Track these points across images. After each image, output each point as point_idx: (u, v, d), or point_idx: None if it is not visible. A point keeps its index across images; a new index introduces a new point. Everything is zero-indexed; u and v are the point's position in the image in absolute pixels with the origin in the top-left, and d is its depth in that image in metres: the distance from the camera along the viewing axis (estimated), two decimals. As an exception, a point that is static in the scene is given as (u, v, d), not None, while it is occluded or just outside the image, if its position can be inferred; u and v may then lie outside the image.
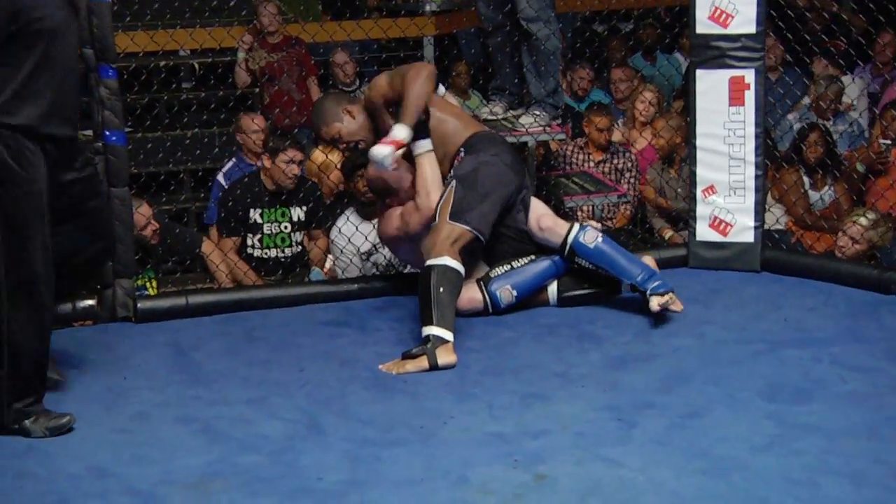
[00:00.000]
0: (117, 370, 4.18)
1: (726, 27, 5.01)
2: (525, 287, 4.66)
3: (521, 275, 4.67)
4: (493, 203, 4.50)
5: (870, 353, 4.18)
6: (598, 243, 4.61)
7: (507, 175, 4.57)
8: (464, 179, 4.50)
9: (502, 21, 5.28)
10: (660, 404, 3.78)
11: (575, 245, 4.62)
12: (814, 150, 6.13)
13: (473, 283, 4.63)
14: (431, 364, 4.11)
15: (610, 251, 4.63)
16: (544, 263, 4.70)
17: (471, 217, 4.42)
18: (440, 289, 4.25)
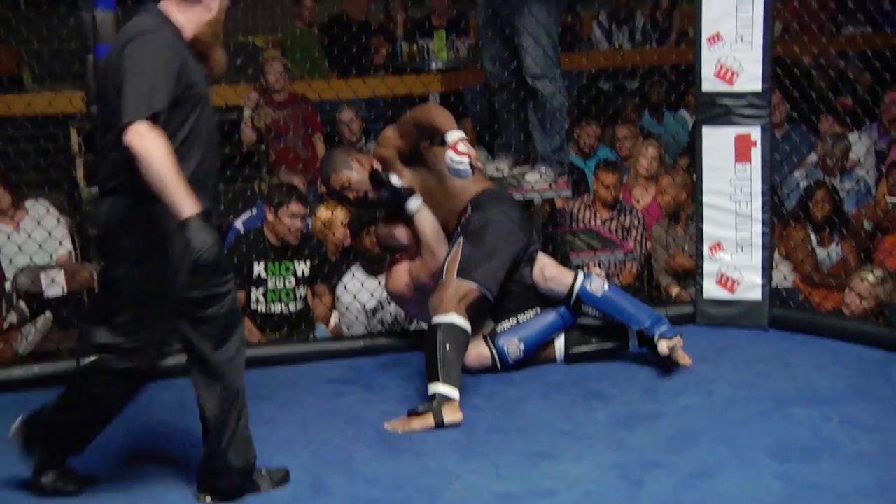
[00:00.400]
0: (118, 428, 4.14)
1: (732, 84, 5.03)
2: (532, 340, 4.64)
3: (528, 329, 4.65)
4: (500, 261, 4.50)
5: (879, 411, 4.14)
6: (605, 291, 4.61)
7: (515, 233, 4.57)
8: (472, 236, 4.50)
9: (508, 79, 5.30)
10: (668, 464, 3.75)
11: (582, 294, 4.61)
12: (821, 207, 6.12)
13: (480, 338, 4.62)
14: (437, 422, 4.08)
15: (617, 298, 4.63)
16: (550, 316, 4.68)
17: (478, 275, 4.42)
18: (446, 346, 4.24)
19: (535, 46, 5.08)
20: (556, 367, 4.69)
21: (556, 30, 5.22)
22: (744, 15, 5.00)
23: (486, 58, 5.37)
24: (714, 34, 5.05)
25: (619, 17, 10.07)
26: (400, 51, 8.99)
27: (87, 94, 4.62)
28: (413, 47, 8.90)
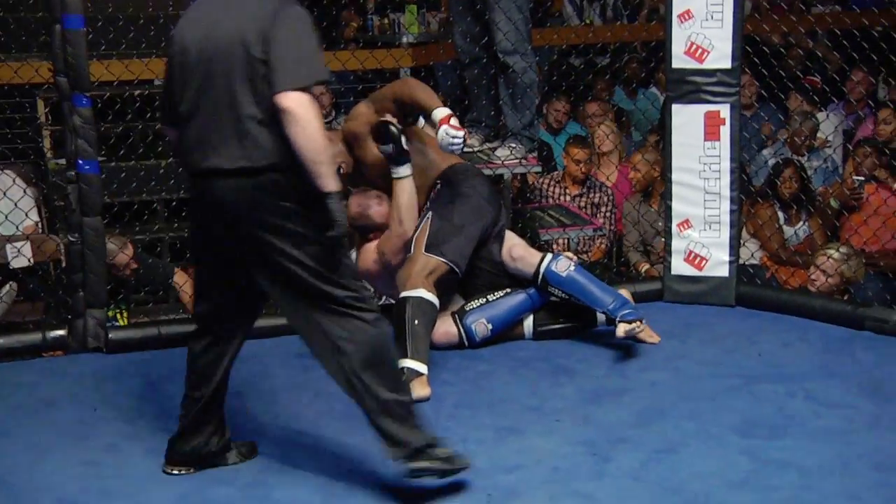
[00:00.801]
0: (87, 401, 4.14)
1: (702, 62, 5.04)
2: (500, 320, 4.65)
3: (497, 308, 4.66)
4: (468, 236, 4.50)
5: (844, 388, 4.18)
6: (570, 272, 4.61)
7: (483, 208, 4.58)
8: (440, 211, 4.49)
9: (479, 54, 5.29)
10: (634, 439, 3.77)
11: (547, 274, 4.61)
12: (788, 185, 6.16)
13: (448, 316, 4.62)
14: None
15: (582, 280, 4.63)
16: (520, 297, 4.69)
17: (446, 249, 4.42)
18: (415, 321, 4.24)
19: (506, 22, 5.07)
20: (524, 343, 4.70)
21: (527, 5, 5.21)
22: (714, -8, 5.00)
23: (457, 33, 5.36)
24: (684, 11, 5.05)
25: (590, -7, 10.07)
26: (371, 24, 8.95)
27: (54, 64, 4.57)
28: (384, 21, 8.87)
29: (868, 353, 4.54)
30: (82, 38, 4.51)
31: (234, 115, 3.19)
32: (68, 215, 4.66)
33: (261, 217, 3.21)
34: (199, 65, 3.23)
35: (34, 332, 4.80)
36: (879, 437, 3.76)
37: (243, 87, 3.17)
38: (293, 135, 3.12)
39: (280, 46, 3.14)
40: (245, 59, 3.16)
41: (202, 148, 3.25)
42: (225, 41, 3.19)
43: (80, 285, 4.65)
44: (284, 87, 3.12)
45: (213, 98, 3.21)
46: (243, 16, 3.21)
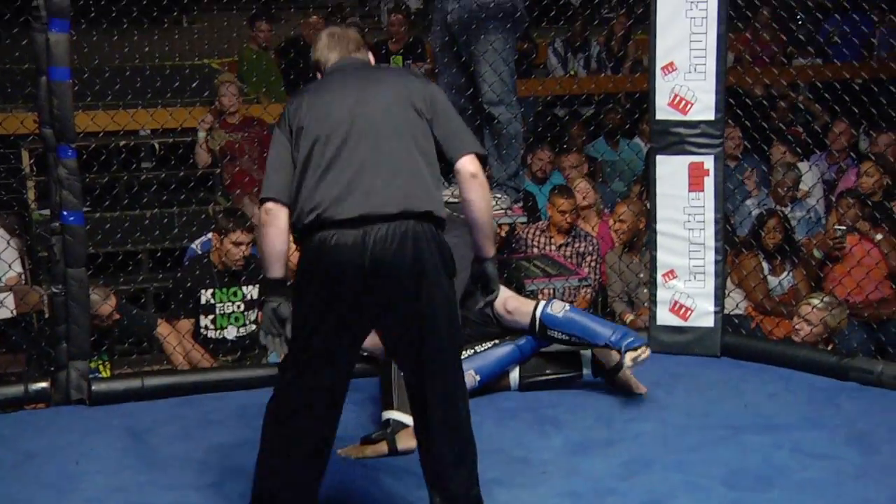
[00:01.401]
0: (70, 455, 4.10)
1: (686, 114, 5.08)
2: (488, 371, 4.63)
3: (485, 359, 4.64)
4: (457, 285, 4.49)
5: (829, 439, 4.18)
6: (566, 312, 4.62)
7: (469, 258, 4.56)
8: None
9: (464, 105, 5.31)
10: (621, 491, 3.75)
11: (544, 318, 4.61)
12: (772, 236, 6.18)
13: None
14: (391, 449, 4.06)
15: (579, 318, 4.64)
16: (507, 348, 4.68)
17: None
18: (402, 373, 4.22)
19: (491, 73, 5.10)
20: (510, 394, 4.68)
21: (512, 57, 5.25)
22: (697, 45, 5.05)
23: (442, 84, 5.38)
24: (668, 63, 5.09)
25: (574, 44, 10.15)
26: (356, 75, 8.98)
27: (39, 115, 4.57)
28: (369, 72, 8.90)
29: (853, 404, 4.54)
30: (68, 90, 4.51)
31: (404, 158, 3.23)
32: (52, 266, 4.64)
33: (422, 262, 3.21)
34: (343, 124, 3.21)
35: (16, 384, 4.76)
36: (865, 488, 3.75)
37: (410, 139, 3.23)
38: (476, 199, 3.28)
39: (450, 115, 3.32)
40: (413, 115, 3.25)
41: (352, 192, 3.16)
42: (385, 99, 3.25)
43: (64, 337, 4.62)
44: (469, 151, 3.28)
45: (368, 148, 3.20)
46: (397, 80, 3.35)
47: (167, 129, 6.86)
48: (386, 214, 3.13)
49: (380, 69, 3.44)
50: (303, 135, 3.22)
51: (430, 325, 3.22)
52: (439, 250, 3.24)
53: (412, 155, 3.21)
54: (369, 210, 3.13)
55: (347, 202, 3.13)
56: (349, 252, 3.12)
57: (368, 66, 3.46)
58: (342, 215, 3.12)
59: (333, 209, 3.13)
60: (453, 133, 3.28)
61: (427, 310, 3.20)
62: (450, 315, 3.27)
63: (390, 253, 3.14)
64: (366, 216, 3.12)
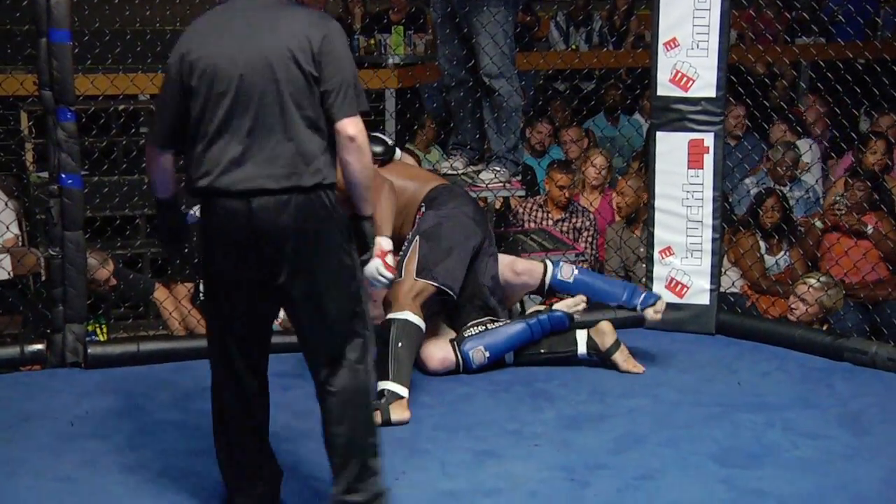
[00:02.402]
0: (64, 417, 4.11)
1: (687, 91, 5.07)
2: (498, 348, 4.63)
3: (495, 336, 4.64)
4: (458, 256, 4.50)
5: (822, 419, 4.19)
6: (575, 275, 4.67)
7: (470, 227, 4.58)
8: (427, 235, 4.49)
9: (465, 77, 5.30)
10: (613, 465, 3.77)
11: (554, 282, 4.67)
12: (770, 215, 6.18)
13: (447, 343, 4.61)
14: (384, 420, 4.07)
15: (589, 279, 4.76)
16: (519, 326, 4.68)
17: (437, 273, 4.42)
18: (399, 343, 4.24)
19: (492, 45, 5.09)
20: (503, 368, 4.69)
21: (513, 30, 5.24)
22: (700, 21, 5.03)
23: (442, 55, 5.37)
24: (670, 39, 5.08)
25: (576, 18, 10.12)
26: (357, 44, 8.97)
27: (39, 77, 4.56)
28: (370, 41, 8.89)
29: (846, 385, 4.56)
30: (68, 52, 4.50)
31: (284, 130, 3.10)
32: (49, 229, 4.64)
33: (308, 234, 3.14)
34: (232, 81, 3.09)
35: (12, 345, 4.78)
36: (856, 468, 3.77)
37: (292, 106, 3.10)
38: (353, 161, 3.13)
39: (337, 68, 3.13)
40: (296, 77, 3.10)
41: (240, 163, 3.10)
42: (268, 57, 3.09)
43: (60, 300, 4.63)
44: (349, 113, 3.13)
45: (253, 115, 3.10)
46: (284, 30, 3.12)
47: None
48: (270, 189, 3.09)
49: (267, 8, 3.15)
50: (193, 92, 3.13)
51: (318, 297, 3.18)
52: (328, 218, 3.15)
53: (296, 123, 3.10)
54: (253, 185, 3.09)
55: (233, 174, 3.11)
56: (236, 221, 3.13)
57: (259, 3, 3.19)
58: (228, 187, 3.11)
59: (220, 180, 3.12)
60: (336, 91, 3.11)
61: (314, 282, 3.17)
62: (342, 286, 3.20)
63: (272, 223, 3.10)
64: (251, 190, 3.10)
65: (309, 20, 3.15)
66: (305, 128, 3.11)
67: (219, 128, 3.11)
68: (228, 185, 3.11)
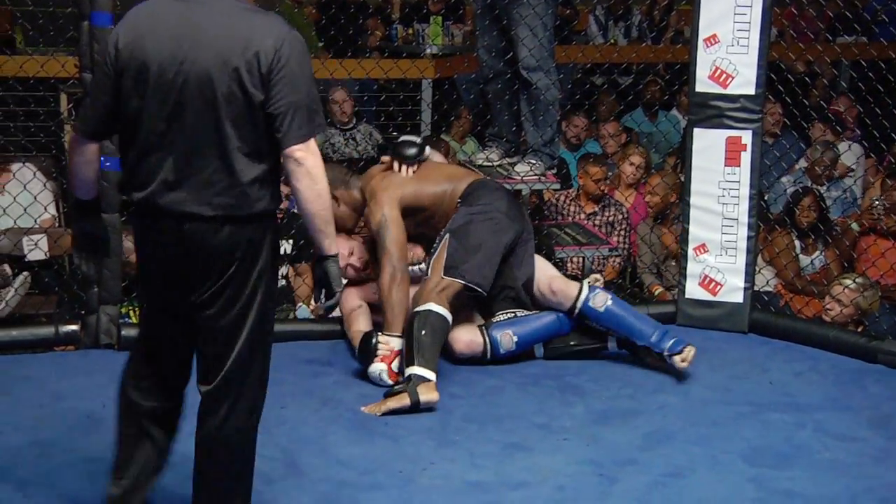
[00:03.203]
0: (97, 397, 4.14)
1: (726, 87, 5.04)
2: (526, 336, 4.63)
3: (524, 324, 4.64)
4: (487, 254, 4.49)
5: (854, 421, 4.17)
6: (607, 306, 4.60)
7: (502, 223, 4.57)
8: (456, 232, 4.50)
9: (503, 68, 5.29)
10: (642, 461, 3.76)
11: (585, 309, 4.61)
12: (807, 214, 6.14)
13: (475, 327, 4.61)
14: (413, 401, 4.09)
15: (620, 312, 4.63)
16: (549, 317, 4.67)
17: (465, 270, 4.42)
18: (422, 332, 4.25)
19: (531, 38, 5.07)
20: (534, 361, 4.69)
21: (552, 22, 5.22)
22: (741, 18, 5.00)
23: (481, 46, 5.36)
24: (710, 35, 5.05)
25: (615, 12, 10.08)
26: (395, 34, 8.98)
27: (80, 60, 4.58)
28: (409, 31, 8.90)
29: (879, 387, 4.53)
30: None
31: (221, 156, 2.84)
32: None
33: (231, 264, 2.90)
34: (172, 90, 2.82)
35: (47, 325, 4.81)
36: (887, 471, 3.74)
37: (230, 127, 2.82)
38: (303, 188, 2.87)
39: (289, 89, 2.83)
40: (238, 99, 2.81)
41: (174, 187, 2.86)
42: (211, 72, 2.80)
43: (95, 281, 4.66)
44: (299, 139, 2.84)
45: (190, 132, 2.83)
46: (234, 41, 2.81)
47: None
48: (202, 216, 2.86)
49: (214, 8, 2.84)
50: (128, 91, 2.87)
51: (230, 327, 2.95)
52: (258, 250, 2.92)
53: (232, 150, 2.82)
54: (187, 209, 2.86)
55: (168, 196, 2.87)
56: (167, 239, 2.91)
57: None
58: (162, 205, 2.88)
59: (153, 198, 2.88)
60: (285, 114, 2.82)
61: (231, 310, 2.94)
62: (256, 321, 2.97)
63: (202, 245, 2.88)
64: (184, 214, 2.87)
65: (263, 31, 2.83)
66: (243, 155, 2.84)
67: (157, 140, 2.86)
68: (163, 205, 2.88)
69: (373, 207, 4.56)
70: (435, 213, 4.66)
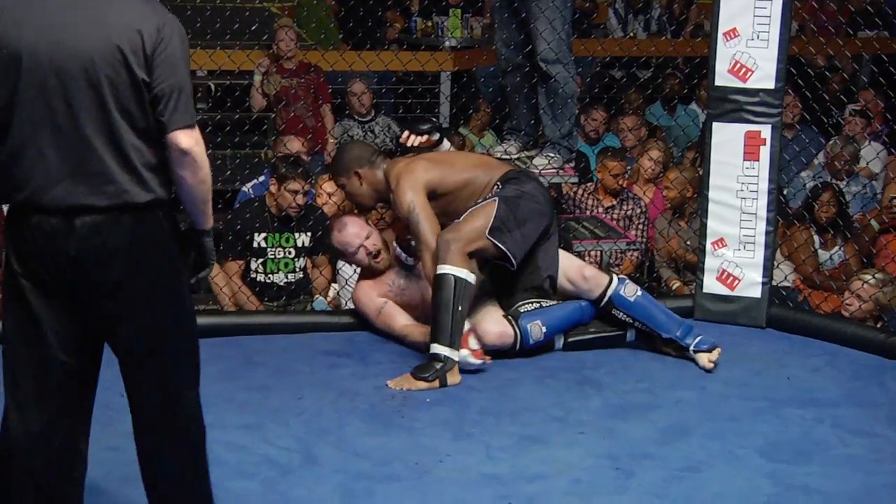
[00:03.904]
0: (113, 387, 4.12)
1: (745, 81, 5.01)
2: (554, 326, 4.63)
3: (551, 314, 4.64)
4: (528, 232, 4.54)
5: (872, 417, 4.14)
6: (637, 297, 4.62)
7: (545, 209, 4.63)
8: (508, 201, 4.52)
9: (521, 61, 5.28)
10: (658, 456, 3.75)
11: (615, 298, 4.61)
12: (826, 209, 6.12)
13: (502, 318, 4.60)
14: (441, 384, 4.22)
15: (649, 305, 4.65)
16: (573, 306, 4.68)
17: (508, 238, 4.46)
18: (459, 307, 4.30)
19: (550, 31, 5.06)
20: (551, 353, 4.68)
21: (571, 15, 5.21)
22: (761, 12, 4.98)
23: (499, 39, 5.36)
24: (730, 29, 5.02)
25: (635, 5, 10.05)
26: (414, 26, 8.98)
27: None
28: (428, 23, 8.90)
29: (898, 383, 4.51)
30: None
31: (109, 142, 2.70)
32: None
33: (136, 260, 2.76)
34: (48, 76, 2.66)
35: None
36: (905, 468, 3.73)
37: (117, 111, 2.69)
38: (188, 175, 2.75)
39: (171, 70, 2.72)
40: (124, 79, 2.69)
41: (53, 179, 2.68)
42: (92, 54, 2.66)
43: None
44: (182, 124, 2.73)
45: (73, 120, 2.68)
46: (114, 22, 2.69)
47: (225, 72, 6.89)
48: (95, 206, 2.70)
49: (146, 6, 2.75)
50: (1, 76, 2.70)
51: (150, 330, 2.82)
52: (163, 242, 2.80)
53: (123, 133, 2.70)
54: (75, 201, 2.69)
55: (55, 191, 2.69)
56: (53, 241, 2.71)
57: None
58: (47, 202, 2.70)
59: (38, 195, 2.70)
60: (167, 97, 2.71)
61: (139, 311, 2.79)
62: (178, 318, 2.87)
63: (98, 246, 2.71)
64: (73, 207, 2.69)
65: (142, 12, 2.72)
66: (135, 138, 2.71)
67: (31, 133, 2.69)
68: (47, 203, 2.69)
69: (398, 192, 4.57)
70: (455, 200, 4.65)
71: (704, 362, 4.55)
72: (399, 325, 4.72)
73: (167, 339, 2.85)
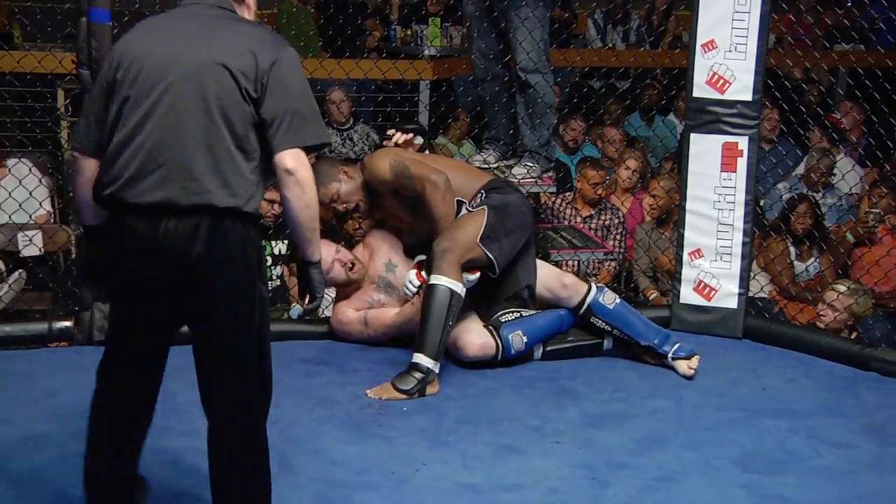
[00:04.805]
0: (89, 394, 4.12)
1: (723, 93, 5.04)
2: (535, 335, 4.65)
3: (531, 324, 4.65)
4: (513, 241, 4.56)
5: (847, 428, 4.17)
6: (616, 305, 4.65)
7: (527, 219, 4.65)
8: (496, 209, 4.54)
9: (500, 71, 5.30)
10: (634, 466, 3.76)
11: (594, 305, 4.64)
12: (802, 220, 6.15)
13: (483, 329, 4.61)
14: (420, 395, 4.25)
15: (627, 313, 4.69)
16: (552, 315, 4.70)
17: (495, 247, 4.48)
18: (450, 322, 4.32)
19: (530, 41, 5.08)
20: (528, 363, 4.69)
21: (549, 25, 5.23)
22: (739, 24, 5.01)
23: (477, 49, 5.36)
24: (708, 41, 5.05)
25: (614, 16, 10.08)
26: (394, 35, 8.98)
27: (77, 56, 4.58)
28: (407, 32, 8.91)
29: (872, 394, 4.53)
30: (108, 33, 4.52)
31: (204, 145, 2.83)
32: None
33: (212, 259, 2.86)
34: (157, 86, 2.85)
35: (41, 321, 4.81)
36: (880, 479, 3.75)
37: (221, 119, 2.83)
38: (292, 198, 2.88)
39: (284, 96, 2.87)
40: (229, 88, 2.83)
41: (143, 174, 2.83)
42: (201, 66, 2.84)
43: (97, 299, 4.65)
44: (290, 145, 2.86)
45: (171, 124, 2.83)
46: (229, 43, 2.87)
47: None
48: (179, 206, 2.82)
49: (222, 21, 2.92)
50: (116, 90, 2.89)
51: (218, 329, 2.92)
52: (237, 249, 2.87)
53: (220, 137, 2.82)
54: (161, 199, 2.82)
55: (141, 185, 2.83)
56: (140, 240, 2.86)
57: (212, 13, 2.96)
58: (135, 199, 2.84)
59: (127, 190, 2.84)
60: (279, 119, 2.85)
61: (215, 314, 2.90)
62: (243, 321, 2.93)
63: (178, 247, 2.82)
64: (158, 205, 2.82)
65: (260, 38, 2.91)
66: (230, 144, 2.84)
67: (131, 132, 2.85)
68: (133, 198, 2.84)
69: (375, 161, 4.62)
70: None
71: (684, 369, 4.57)
72: (391, 317, 4.73)
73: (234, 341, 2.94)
